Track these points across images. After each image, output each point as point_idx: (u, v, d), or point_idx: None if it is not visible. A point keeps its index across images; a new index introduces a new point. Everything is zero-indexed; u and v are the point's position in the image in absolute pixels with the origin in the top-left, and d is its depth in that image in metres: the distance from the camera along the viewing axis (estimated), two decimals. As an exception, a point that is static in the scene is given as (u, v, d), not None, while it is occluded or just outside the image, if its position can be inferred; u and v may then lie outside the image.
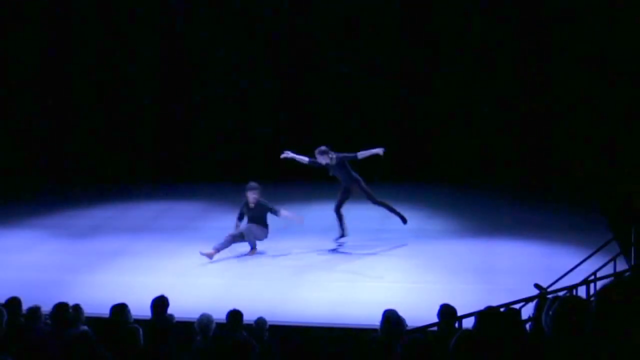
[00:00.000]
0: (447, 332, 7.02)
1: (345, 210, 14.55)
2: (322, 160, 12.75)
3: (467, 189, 16.29)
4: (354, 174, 12.94)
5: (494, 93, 17.06)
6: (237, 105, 18.41)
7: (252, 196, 12.64)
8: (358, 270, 11.82)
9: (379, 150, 12.67)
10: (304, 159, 12.99)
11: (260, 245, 12.93)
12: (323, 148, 12.78)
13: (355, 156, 12.74)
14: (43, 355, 7.08)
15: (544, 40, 16.67)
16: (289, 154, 12.98)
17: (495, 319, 6.65)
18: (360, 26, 17.65)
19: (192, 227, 14.13)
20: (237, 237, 12.63)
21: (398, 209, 13.03)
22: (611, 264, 9.89)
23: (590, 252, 10.54)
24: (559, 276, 9.88)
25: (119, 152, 18.69)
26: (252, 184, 12.76)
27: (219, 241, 12.40)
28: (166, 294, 8.43)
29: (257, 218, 12.69)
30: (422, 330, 8.02)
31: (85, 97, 18.92)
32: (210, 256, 12.21)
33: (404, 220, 13.03)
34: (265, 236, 12.72)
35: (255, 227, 12.63)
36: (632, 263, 10.51)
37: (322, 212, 15.09)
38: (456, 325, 7.69)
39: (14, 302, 8.23)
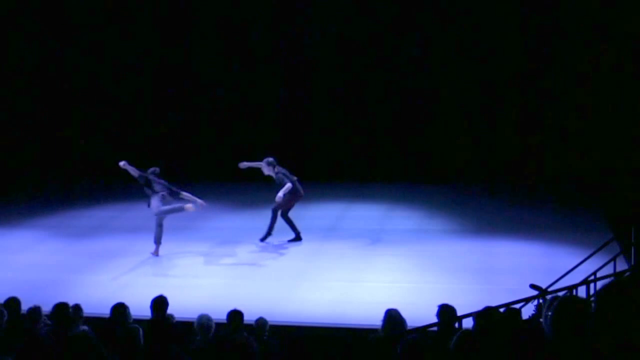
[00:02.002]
0: (447, 332, 7.01)
1: (346, 210, 14.64)
2: (267, 172, 12.95)
3: (467, 189, 16.30)
4: (296, 187, 12.94)
5: (494, 93, 17.06)
6: (236, 105, 18.41)
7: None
8: (358, 270, 11.82)
9: (279, 196, 12.68)
10: (261, 164, 13.13)
11: (260, 246, 12.98)
12: (271, 159, 12.97)
13: (285, 183, 12.80)
14: (43, 355, 7.08)
15: (544, 40, 16.66)
16: (244, 164, 13.10)
17: (495, 319, 6.66)
18: (360, 26, 17.66)
19: (192, 227, 14.13)
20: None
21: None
22: (611, 264, 9.88)
23: (590, 252, 10.54)
24: (559, 276, 9.88)
25: (119, 152, 18.67)
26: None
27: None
28: (166, 294, 8.43)
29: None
30: (422, 330, 8.01)
31: (86, 97, 18.92)
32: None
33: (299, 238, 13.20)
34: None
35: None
36: (632, 263, 10.51)
37: (321, 212, 15.11)
38: (456, 325, 7.68)
39: (13, 302, 8.24)
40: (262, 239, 13.07)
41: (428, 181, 16.81)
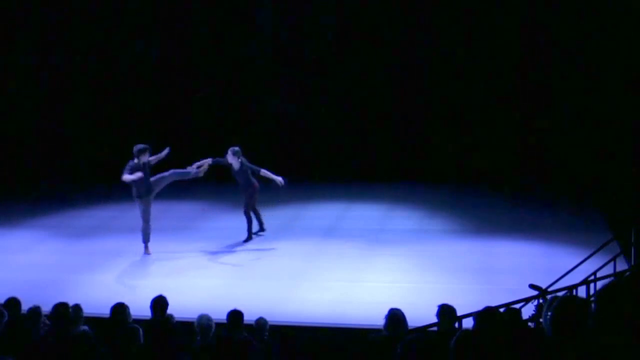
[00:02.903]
0: (447, 332, 7.01)
1: (346, 210, 14.60)
2: (232, 160, 12.85)
3: (467, 189, 16.30)
4: (253, 180, 12.94)
5: (494, 93, 17.06)
6: (237, 105, 18.42)
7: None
8: (358, 270, 11.82)
9: (279, 180, 12.78)
10: (207, 160, 13.05)
11: (261, 246, 13.01)
12: (237, 149, 12.90)
13: (259, 170, 12.84)
14: (43, 355, 7.08)
15: (545, 40, 16.66)
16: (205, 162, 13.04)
17: (495, 319, 6.65)
18: (360, 26, 17.66)
19: (192, 227, 14.12)
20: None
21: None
22: (611, 264, 9.89)
23: (590, 252, 10.54)
24: (559, 276, 9.88)
25: (119, 153, 18.69)
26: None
27: None
28: (166, 294, 8.42)
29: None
30: (422, 330, 8.02)
31: (86, 98, 18.93)
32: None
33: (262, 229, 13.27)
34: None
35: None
36: (632, 263, 10.51)
37: (321, 212, 15.12)
38: (456, 325, 7.68)
39: (13, 302, 8.23)
40: (245, 240, 13.16)
41: (428, 181, 16.82)
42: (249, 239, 13.14)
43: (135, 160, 12.31)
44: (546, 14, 16.62)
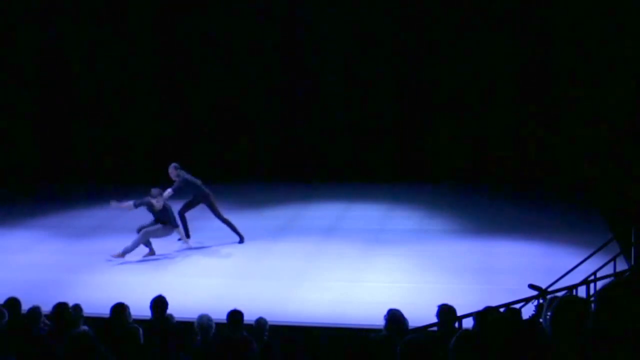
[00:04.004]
0: (447, 332, 7.01)
1: (346, 210, 14.56)
2: (173, 176, 13.03)
3: (467, 189, 16.30)
4: (203, 188, 13.25)
5: (493, 93, 17.05)
6: (237, 105, 18.41)
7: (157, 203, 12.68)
8: (358, 270, 11.82)
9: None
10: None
11: (261, 246, 12.99)
12: (177, 164, 13.11)
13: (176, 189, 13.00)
14: (43, 355, 7.08)
15: (544, 39, 16.65)
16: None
17: (495, 319, 6.66)
18: (360, 26, 17.64)
19: (192, 227, 14.11)
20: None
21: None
22: (611, 264, 9.89)
23: (590, 252, 10.54)
24: (559, 276, 9.88)
25: (119, 152, 18.71)
26: (155, 190, 12.74)
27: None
28: (166, 294, 8.42)
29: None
30: (422, 330, 8.02)
31: (86, 98, 18.92)
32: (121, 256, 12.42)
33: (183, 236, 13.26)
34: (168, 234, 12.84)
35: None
36: (632, 263, 10.51)
37: (321, 212, 15.12)
38: (456, 325, 7.69)
39: (13, 302, 8.24)
40: (241, 241, 13.22)
41: (428, 181, 16.82)
42: (241, 240, 13.17)
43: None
44: (547, 13, 16.60)
